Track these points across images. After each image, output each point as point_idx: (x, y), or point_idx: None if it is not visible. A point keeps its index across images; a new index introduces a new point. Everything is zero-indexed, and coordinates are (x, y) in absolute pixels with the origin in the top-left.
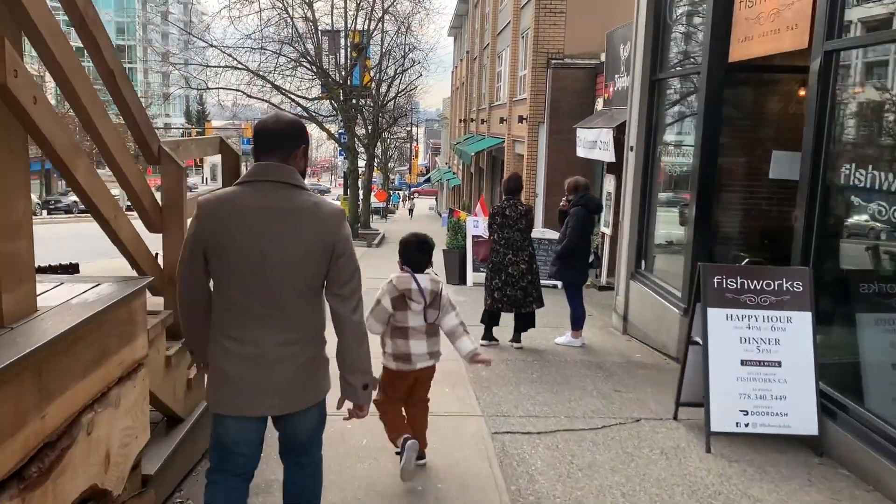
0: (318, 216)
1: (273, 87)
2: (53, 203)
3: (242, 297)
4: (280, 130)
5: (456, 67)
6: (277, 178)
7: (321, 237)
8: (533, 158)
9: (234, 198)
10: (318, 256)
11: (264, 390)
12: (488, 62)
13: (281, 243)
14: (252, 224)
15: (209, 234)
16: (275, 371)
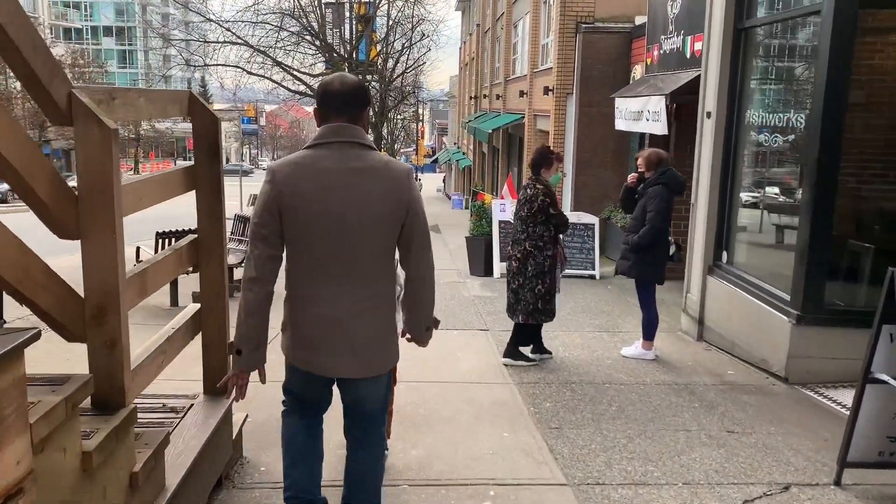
0: (392, 175)
1: (274, 63)
2: None
3: (320, 258)
4: (349, 91)
5: (465, 43)
6: (351, 139)
7: (396, 196)
8: (560, 134)
9: (309, 160)
10: (394, 215)
11: (339, 351)
12: (502, 34)
13: (359, 203)
14: (330, 185)
15: (286, 199)
16: (349, 332)
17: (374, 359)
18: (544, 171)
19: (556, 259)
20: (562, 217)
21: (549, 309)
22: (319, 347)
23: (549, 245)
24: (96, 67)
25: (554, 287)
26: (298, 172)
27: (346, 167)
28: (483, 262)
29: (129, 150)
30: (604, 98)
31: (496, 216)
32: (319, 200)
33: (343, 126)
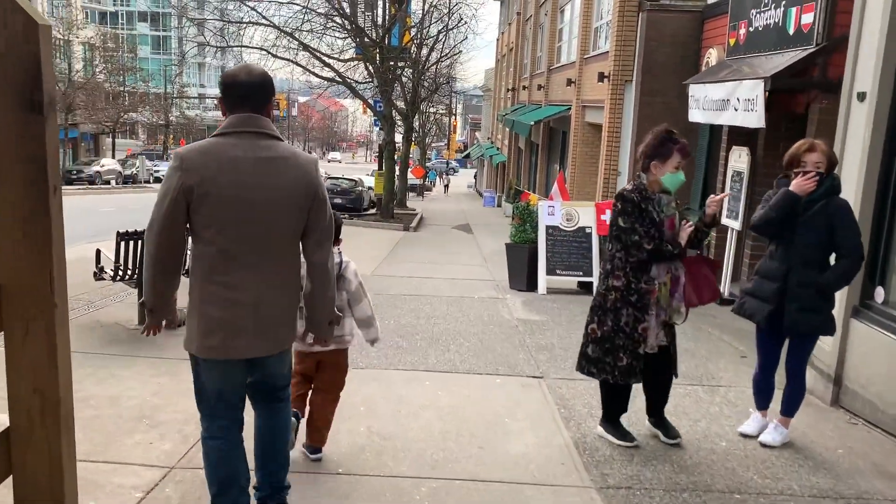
0: (298, 164)
1: (301, 46)
2: (76, 173)
3: (231, 244)
4: (255, 83)
5: (502, 34)
6: (259, 129)
7: (303, 183)
8: (616, 127)
9: (217, 149)
10: (301, 202)
11: (252, 332)
12: (546, 20)
13: (268, 191)
14: (240, 173)
15: (194, 185)
16: (261, 313)
17: (281, 335)
18: (656, 165)
19: (652, 297)
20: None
21: (628, 367)
22: (234, 331)
23: (638, 275)
24: (126, 52)
25: (643, 336)
26: (208, 160)
27: (255, 156)
28: (526, 275)
29: (159, 137)
30: (669, 86)
31: (543, 220)
32: (230, 187)
33: (251, 116)
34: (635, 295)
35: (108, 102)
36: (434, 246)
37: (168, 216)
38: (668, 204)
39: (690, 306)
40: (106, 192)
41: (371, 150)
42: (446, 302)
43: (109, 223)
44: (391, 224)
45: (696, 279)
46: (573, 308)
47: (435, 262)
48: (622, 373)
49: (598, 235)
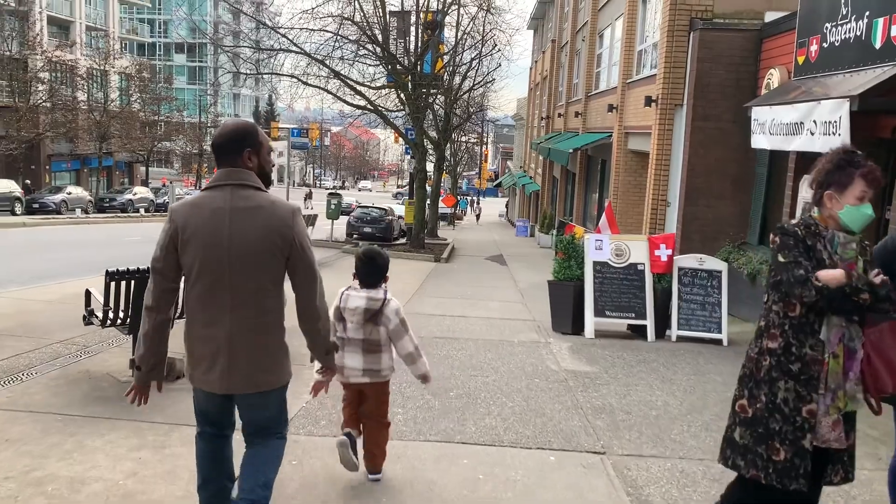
0: (275, 212)
1: (332, 73)
2: (108, 201)
3: (212, 287)
4: (223, 141)
5: (536, 62)
6: (239, 181)
7: (279, 230)
8: (664, 154)
9: (202, 201)
10: (278, 248)
11: (226, 370)
12: (584, 45)
13: (245, 238)
14: (219, 222)
15: (181, 233)
16: (235, 352)
17: (258, 376)
18: (832, 195)
19: (821, 370)
20: (858, 290)
21: (787, 466)
22: (210, 366)
23: (801, 336)
24: (161, 82)
25: (809, 422)
26: (193, 212)
27: (233, 206)
28: (571, 316)
29: (192, 165)
30: (723, 110)
31: (590, 256)
32: (209, 235)
33: (231, 170)
34: (797, 363)
35: (142, 131)
36: (467, 279)
37: (160, 260)
38: (847, 245)
39: (877, 394)
40: (135, 221)
41: (402, 179)
42: (484, 347)
43: (130, 254)
44: (421, 255)
45: (882, 355)
46: (627, 357)
47: (468, 297)
48: (779, 472)
49: (652, 273)
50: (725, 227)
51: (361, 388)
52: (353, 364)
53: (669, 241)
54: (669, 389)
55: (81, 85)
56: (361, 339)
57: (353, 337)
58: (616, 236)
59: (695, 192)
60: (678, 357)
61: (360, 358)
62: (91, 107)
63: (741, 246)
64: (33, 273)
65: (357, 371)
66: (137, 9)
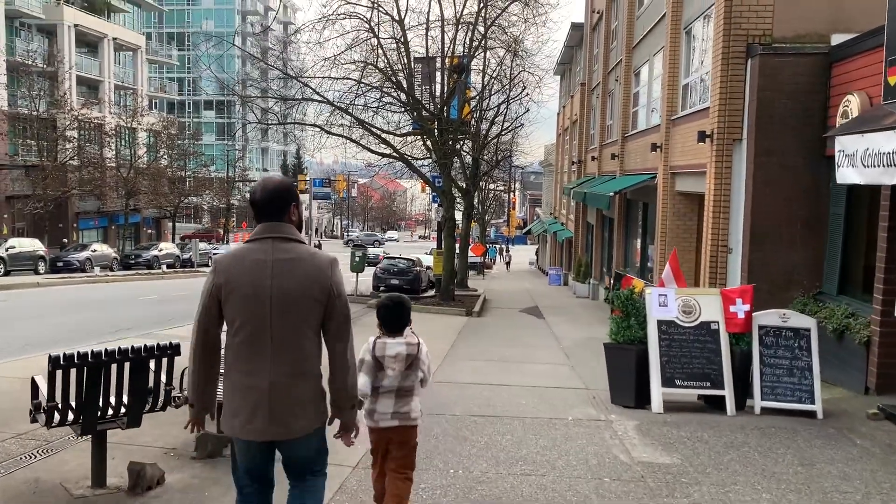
0: (314, 263)
1: (356, 122)
2: (133, 258)
3: (252, 336)
4: (269, 197)
5: (563, 107)
6: (280, 234)
7: (318, 281)
8: (723, 195)
9: (244, 253)
10: (316, 298)
11: (266, 417)
12: (617, 86)
13: (286, 288)
14: (259, 273)
15: (223, 284)
16: (275, 399)
17: (296, 422)
18: None
19: None
20: None
21: None
22: (251, 415)
23: None
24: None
25: None
26: (235, 263)
27: (274, 258)
28: (634, 386)
29: (220, 220)
30: (789, 143)
31: (654, 313)
32: (249, 286)
33: (273, 224)
34: None
35: (169, 187)
36: (503, 336)
37: (204, 310)
38: None
39: None
40: (156, 278)
41: (430, 228)
42: (532, 428)
43: (139, 315)
44: (452, 308)
45: None
46: (710, 439)
47: (507, 359)
48: None
49: (728, 333)
50: (797, 276)
51: (390, 436)
52: (384, 409)
53: (747, 294)
54: (778, 490)
55: (108, 142)
56: (397, 386)
57: (389, 385)
58: (683, 290)
59: (761, 237)
60: (772, 438)
61: (392, 402)
62: (118, 164)
63: (817, 297)
64: (26, 340)
65: (387, 415)
66: (167, 68)
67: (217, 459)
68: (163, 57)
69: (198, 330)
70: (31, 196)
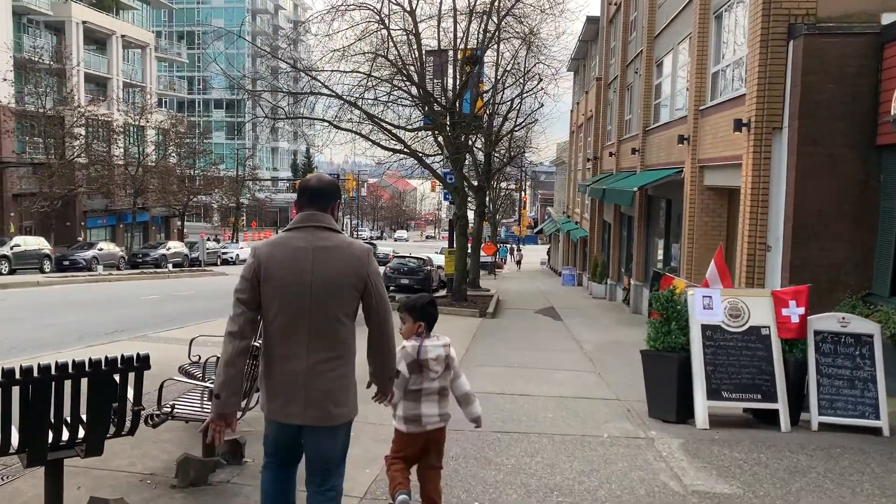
0: (352, 253)
1: (365, 116)
2: (141, 256)
3: (291, 321)
4: (321, 188)
5: (577, 104)
6: (320, 223)
7: (355, 269)
8: (762, 188)
9: (285, 240)
10: (354, 286)
11: (302, 401)
12: (637, 78)
13: (323, 275)
14: (299, 260)
15: (263, 270)
16: (310, 385)
17: (331, 409)
18: None
19: None
20: None
21: None
22: (287, 399)
23: None
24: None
25: None
26: (274, 251)
27: (314, 245)
28: (675, 398)
29: (229, 219)
30: (836, 132)
31: (697, 316)
32: (289, 272)
33: (314, 213)
34: None
35: (178, 185)
36: (520, 339)
37: (242, 292)
38: None
39: None
40: (161, 277)
41: (440, 228)
42: (563, 448)
43: (137, 315)
44: (464, 309)
45: None
46: (769, 461)
47: (527, 365)
48: None
49: (780, 339)
50: (843, 276)
51: (430, 436)
52: (431, 411)
53: (801, 296)
54: None
55: (116, 139)
56: (439, 387)
57: (430, 387)
58: (729, 291)
59: (804, 233)
60: (839, 461)
61: (437, 405)
62: (127, 162)
63: (866, 298)
64: (12, 343)
65: (435, 417)
66: (177, 66)
67: (202, 489)
68: (172, 55)
69: (235, 313)
70: (38, 194)
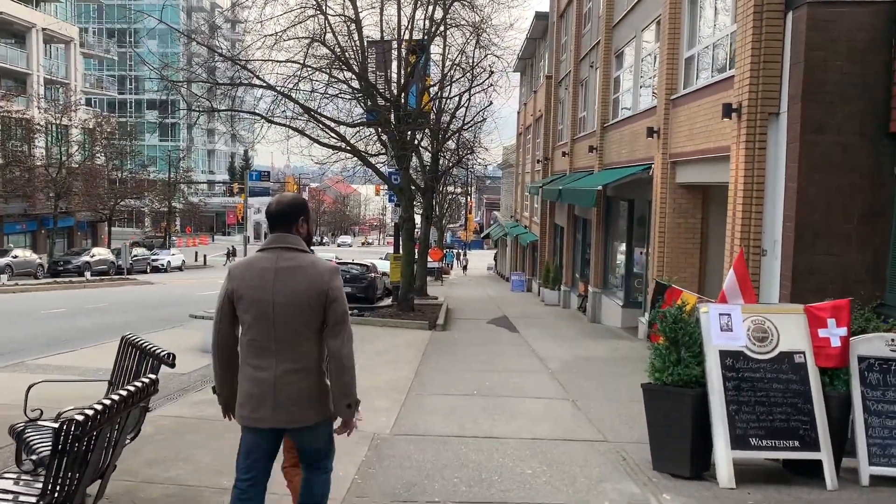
0: (315, 270)
1: (301, 109)
2: (62, 264)
3: (260, 335)
4: (281, 210)
5: (525, 104)
6: (285, 245)
7: (317, 286)
8: (756, 183)
9: (254, 261)
10: (315, 301)
11: (272, 407)
12: (592, 72)
13: (286, 293)
14: (265, 279)
15: (236, 289)
16: (281, 392)
17: (300, 412)
18: None
19: None
20: None
21: None
22: (258, 404)
23: None
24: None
25: None
26: (245, 271)
27: (278, 266)
28: (688, 444)
29: (161, 224)
30: (846, 116)
31: (713, 341)
32: (256, 290)
33: (280, 235)
34: None
35: (105, 189)
36: (476, 357)
37: (219, 312)
38: None
39: None
40: (78, 287)
41: (384, 233)
42: None
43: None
44: (412, 321)
45: None
46: None
47: (488, 391)
48: None
49: (817, 367)
50: (854, 284)
51: None
52: None
53: (842, 313)
54: None
55: (35, 139)
56: None
57: None
58: (752, 307)
59: (808, 235)
60: None
61: None
62: (48, 163)
63: (878, 310)
64: None
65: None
66: (108, 65)
67: None
68: (100, 51)
69: (215, 329)
70: None
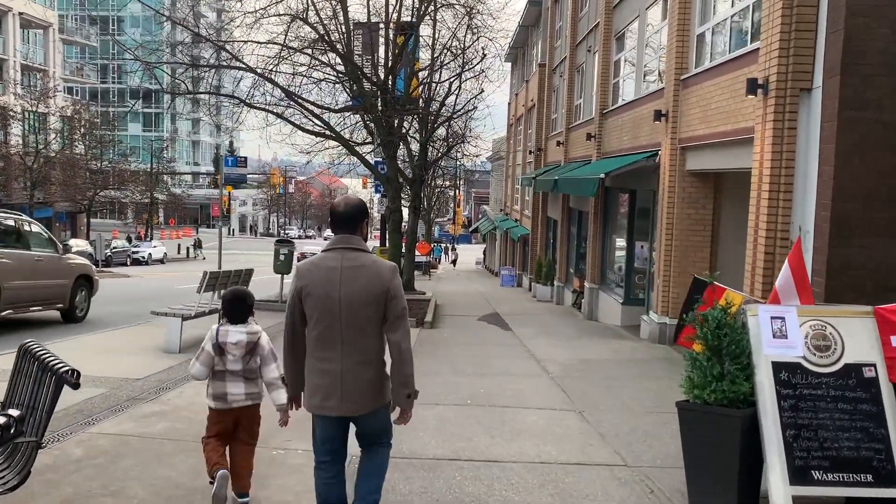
0: (377, 271)
1: (283, 93)
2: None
3: (326, 329)
4: (349, 213)
5: (516, 94)
6: (349, 245)
7: (378, 284)
8: (786, 168)
9: (320, 260)
10: (376, 299)
11: (339, 397)
12: (590, 57)
13: (351, 291)
14: (332, 278)
15: (304, 287)
16: (346, 383)
17: (364, 401)
18: None
19: None
20: None
21: None
22: (326, 395)
23: None
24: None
25: None
26: (313, 270)
27: (343, 265)
28: (736, 476)
29: (143, 216)
30: (891, 92)
31: (765, 350)
32: (323, 288)
33: (345, 236)
34: None
35: (82, 178)
36: (468, 359)
37: (290, 308)
38: None
39: None
40: None
41: (371, 227)
42: None
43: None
44: None
45: None
46: None
47: (483, 400)
48: None
49: (890, 383)
50: (893, 281)
51: (239, 414)
52: (237, 390)
53: None
54: None
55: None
56: (241, 369)
57: (233, 368)
58: (809, 309)
59: (846, 226)
60: None
61: (243, 385)
62: (24, 151)
63: None
64: None
65: (241, 396)
66: (90, 52)
67: None
68: (80, 38)
69: (286, 324)
70: None
